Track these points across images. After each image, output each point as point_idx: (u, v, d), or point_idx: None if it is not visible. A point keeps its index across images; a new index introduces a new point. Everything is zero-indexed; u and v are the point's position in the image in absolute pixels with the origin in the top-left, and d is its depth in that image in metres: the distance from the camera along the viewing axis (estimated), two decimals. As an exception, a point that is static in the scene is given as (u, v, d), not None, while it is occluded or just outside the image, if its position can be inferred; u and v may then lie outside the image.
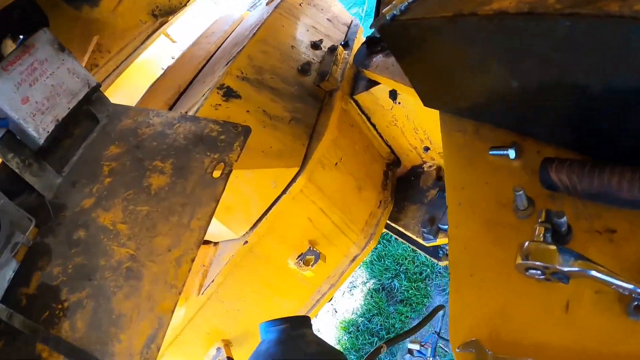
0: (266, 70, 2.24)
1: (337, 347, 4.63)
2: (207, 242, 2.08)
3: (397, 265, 4.61)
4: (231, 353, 2.13)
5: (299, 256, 2.04)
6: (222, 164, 1.47)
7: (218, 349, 2.12)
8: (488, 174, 1.32)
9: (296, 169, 1.96)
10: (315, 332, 1.72)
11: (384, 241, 4.74)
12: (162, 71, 3.83)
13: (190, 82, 2.61)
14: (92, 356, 1.21)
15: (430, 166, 2.66)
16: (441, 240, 2.35)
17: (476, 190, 1.30)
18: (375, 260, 4.70)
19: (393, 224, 2.55)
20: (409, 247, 4.57)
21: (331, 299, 2.44)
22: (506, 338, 1.04)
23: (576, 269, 0.99)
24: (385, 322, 4.43)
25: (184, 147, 1.56)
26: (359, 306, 4.69)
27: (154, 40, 2.86)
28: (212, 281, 1.93)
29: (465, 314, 1.11)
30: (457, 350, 1.06)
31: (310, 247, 2.04)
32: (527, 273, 1.05)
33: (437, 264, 4.42)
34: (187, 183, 1.46)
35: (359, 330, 4.54)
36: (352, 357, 4.47)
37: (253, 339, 2.24)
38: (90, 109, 1.72)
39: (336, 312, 4.80)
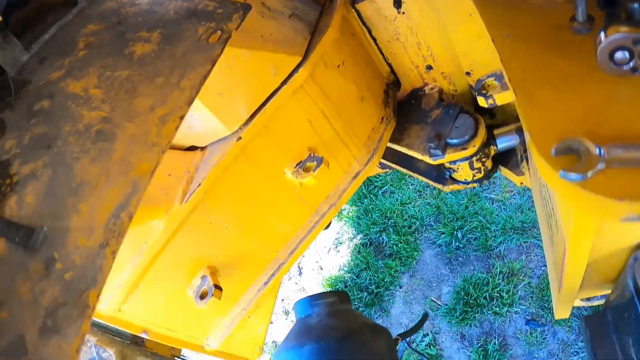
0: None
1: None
2: (194, 148, 1.84)
3: (385, 219, 4.45)
4: (218, 281, 1.91)
5: (297, 164, 1.82)
6: (218, 32, 1.28)
7: (203, 277, 1.89)
8: (532, 8, 1.23)
9: (299, 58, 1.73)
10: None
11: (371, 195, 4.58)
12: None
13: None
14: (30, 228, 1.01)
15: (432, 88, 2.47)
16: (449, 157, 2.16)
17: (523, 23, 1.19)
18: (363, 215, 4.53)
19: (395, 146, 2.35)
20: (397, 202, 4.44)
21: (329, 225, 2.23)
22: (606, 133, 0.89)
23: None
24: (374, 276, 4.29)
25: (174, 20, 1.38)
26: (346, 262, 4.53)
27: None
28: (199, 185, 1.69)
29: (547, 122, 0.96)
30: (553, 152, 0.89)
31: (310, 154, 1.83)
32: (612, 62, 0.92)
33: (427, 218, 4.30)
34: (176, 49, 1.27)
35: (346, 287, 4.39)
36: (340, 314, 4.32)
37: (242, 268, 2.03)
38: None
39: (322, 269, 4.63)
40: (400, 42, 2.33)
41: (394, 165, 2.62)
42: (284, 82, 1.70)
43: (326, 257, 4.67)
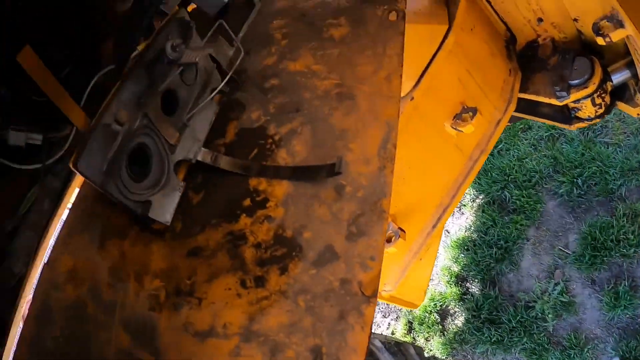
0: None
1: (454, 265, 4.71)
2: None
3: (504, 176, 4.62)
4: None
5: (454, 117, 2.14)
6: (394, 11, 1.51)
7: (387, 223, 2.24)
8: None
9: (446, 27, 2.05)
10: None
11: (488, 155, 4.77)
12: None
13: None
14: (324, 165, 1.23)
15: (545, 38, 2.69)
16: (574, 96, 2.39)
17: None
18: (482, 175, 4.72)
19: (523, 95, 2.60)
20: (514, 157, 4.60)
21: (479, 169, 2.51)
22: None
23: None
24: (502, 232, 4.48)
25: (350, 7, 1.60)
26: (471, 222, 4.74)
27: None
28: (400, 97, 2.02)
29: None
30: None
31: (463, 106, 2.14)
32: None
33: (545, 170, 4.42)
34: (367, 28, 1.50)
35: (475, 245, 4.60)
36: (473, 272, 4.55)
37: (414, 214, 2.33)
38: None
39: (448, 232, 4.87)
40: (512, 1, 2.58)
41: (521, 115, 2.86)
42: (439, 48, 2.02)
43: (451, 220, 4.88)
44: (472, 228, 4.71)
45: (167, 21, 1.30)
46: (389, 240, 2.20)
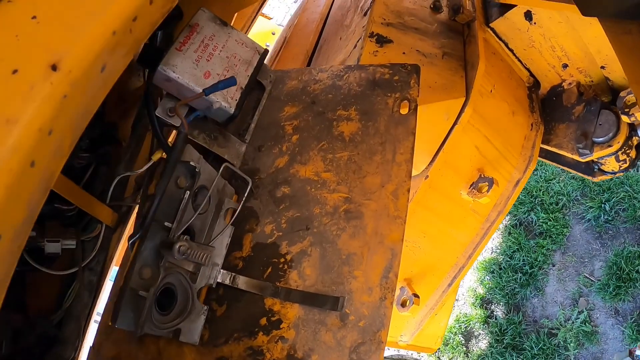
0: (403, 13, 2.29)
1: (480, 287, 4.68)
2: (385, 185, 2.19)
3: (531, 198, 4.55)
4: (414, 290, 2.24)
5: (471, 185, 2.10)
6: (405, 101, 1.48)
7: (402, 288, 2.24)
8: None
9: (462, 99, 2.00)
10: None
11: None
12: (268, 47, 3.95)
13: (315, 45, 2.68)
14: (330, 296, 1.27)
15: (570, 83, 2.62)
16: (597, 154, 2.33)
17: None
18: (508, 197, 4.66)
19: (545, 146, 2.55)
20: (542, 179, 4.52)
21: (497, 227, 2.49)
22: None
23: None
24: (527, 256, 4.42)
25: (360, 93, 1.57)
26: (498, 244, 4.69)
27: (255, 21, 2.98)
28: (406, 216, 2.01)
29: None
30: None
31: (481, 175, 2.10)
32: None
33: (572, 193, 4.33)
34: (378, 124, 1.47)
35: (501, 269, 4.55)
36: (497, 295, 4.51)
37: (430, 275, 2.34)
38: (256, 77, 1.69)
39: (473, 254, 4.83)
40: (536, 49, 2.51)
41: (545, 160, 2.80)
42: (455, 123, 1.98)
43: (476, 242, 4.85)
44: (499, 250, 4.66)
45: (174, 164, 1.31)
46: (403, 305, 2.21)
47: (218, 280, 1.41)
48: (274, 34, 4.89)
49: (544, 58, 2.55)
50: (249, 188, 1.48)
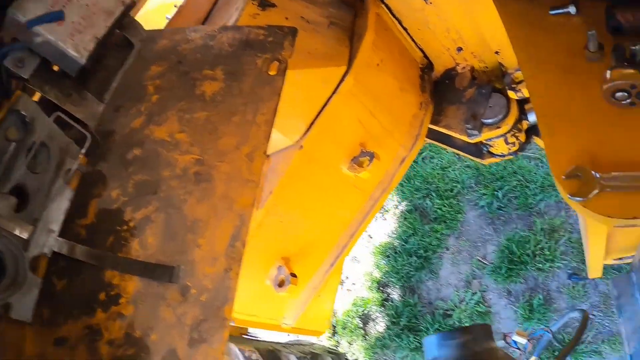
0: (293, -21, 2.19)
1: (376, 271, 4.72)
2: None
3: (427, 184, 4.63)
4: (292, 269, 2.16)
5: (351, 159, 2.04)
6: (275, 62, 1.42)
7: (279, 267, 2.15)
8: (553, 32, 1.37)
9: (344, 68, 1.93)
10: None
11: (412, 163, 4.75)
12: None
13: (209, 13, 2.54)
14: (168, 267, 1.18)
15: (464, 67, 2.63)
16: (486, 135, 2.34)
17: (545, 47, 1.35)
18: (405, 182, 4.71)
19: (435, 127, 2.54)
20: (437, 166, 4.60)
21: (382, 206, 2.46)
22: (606, 160, 1.10)
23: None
24: (422, 240, 4.50)
25: (231, 53, 1.49)
26: (394, 229, 4.74)
27: None
28: (270, 193, 1.92)
29: (562, 150, 1.16)
30: (563, 178, 1.10)
31: (362, 149, 2.04)
32: (613, 99, 1.10)
33: (467, 181, 4.44)
34: (243, 84, 1.41)
35: (396, 253, 4.61)
36: (393, 278, 4.56)
37: (310, 255, 2.27)
38: (124, 35, 1.60)
39: (371, 237, 4.86)
40: (430, 29, 2.49)
41: (434, 142, 2.80)
42: (334, 92, 1.90)
43: (374, 225, 4.87)
44: (394, 235, 4.72)
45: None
46: (281, 285, 2.12)
47: (54, 250, 1.27)
48: (176, 6, 4.68)
49: (439, 40, 2.52)
50: (87, 143, 1.33)
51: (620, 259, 2.24)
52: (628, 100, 1.09)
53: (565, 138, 1.16)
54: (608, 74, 1.08)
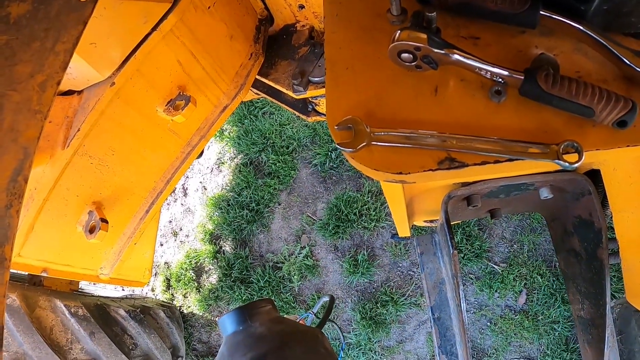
0: None
1: (209, 223, 4.70)
2: (70, 92, 1.91)
3: (264, 139, 4.65)
4: (104, 215, 2.07)
5: (168, 102, 1.97)
6: None
7: (90, 212, 2.05)
8: None
9: (168, 5, 1.84)
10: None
11: (251, 116, 4.74)
12: None
13: None
14: None
15: (304, 25, 2.65)
16: (311, 93, 2.39)
17: (352, 4, 1.36)
18: (243, 135, 4.70)
19: (264, 79, 2.54)
20: (276, 122, 4.65)
21: (202, 153, 2.42)
22: (381, 116, 1.14)
23: (443, 51, 1.08)
24: (255, 194, 4.54)
25: None
26: (228, 182, 4.73)
27: None
28: (78, 130, 1.80)
29: (341, 100, 1.19)
30: (336, 127, 1.14)
31: (180, 92, 1.98)
32: (399, 59, 1.14)
33: (303, 139, 4.54)
34: (50, 8, 1.29)
35: (229, 205, 4.61)
36: (225, 231, 4.57)
37: (124, 200, 2.18)
38: None
39: (205, 189, 4.81)
40: (274, -18, 2.45)
41: (264, 96, 2.81)
42: (154, 29, 1.81)
43: (209, 177, 4.84)
44: (228, 187, 4.70)
45: None
46: (91, 231, 2.01)
47: None
48: None
49: (282, -7, 2.50)
50: None
51: (431, 221, 2.45)
52: (414, 63, 1.13)
53: (346, 90, 1.19)
54: (397, 34, 1.11)
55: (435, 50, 1.07)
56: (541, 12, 1.09)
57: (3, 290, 1.03)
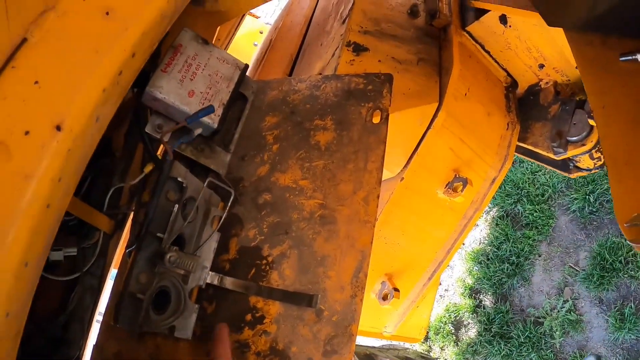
0: (381, 20, 2.37)
1: (468, 277, 4.80)
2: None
3: (517, 189, 4.66)
4: (395, 284, 2.38)
5: (446, 185, 2.22)
6: (378, 110, 1.57)
7: (383, 282, 2.37)
8: (623, 77, 1.40)
9: (435, 105, 2.11)
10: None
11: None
12: (256, 46, 3.98)
13: (300, 48, 2.77)
14: (306, 294, 1.40)
15: (547, 82, 2.72)
16: (571, 152, 2.44)
17: (616, 93, 1.39)
18: (495, 188, 4.78)
19: (522, 144, 2.66)
20: (528, 170, 4.63)
21: (476, 224, 2.62)
22: None
23: None
24: (514, 247, 4.53)
25: (337, 103, 1.65)
26: (486, 235, 4.81)
27: (242, 20, 3.06)
28: (376, 220, 2.14)
29: (626, 196, 1.21)
30: (626, 225, 1.16)
31: (456, 175, 2.21)
32: None
33: (558, 185, 4.44)
34: (351, 134, 1.56)
35: (489, 259, 4.67)
36: (485, 285, 4.63)
37: (410, 270, 2.47)
38: (238, 90, 1.78)
39: (464, 244, 4.95)
40: (512, 50, 2.62)
41: (523, 157, 2.92)
42: (429, 127, 2.09)
43: (466, 232, 4.97)
44: (486, 241, 4.78)
45: (163, 182, 1.43)
46: (384, 298, 2.33)
47: (207, 282, 1.55)
48: (261, 32, 4.95)
49: (521, 59, 2.65)
50: (232, 198, 1.59)
51: None
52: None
53: (631, 185, 1.20)
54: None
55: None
56: None
57: (350, 357, 1.32)
